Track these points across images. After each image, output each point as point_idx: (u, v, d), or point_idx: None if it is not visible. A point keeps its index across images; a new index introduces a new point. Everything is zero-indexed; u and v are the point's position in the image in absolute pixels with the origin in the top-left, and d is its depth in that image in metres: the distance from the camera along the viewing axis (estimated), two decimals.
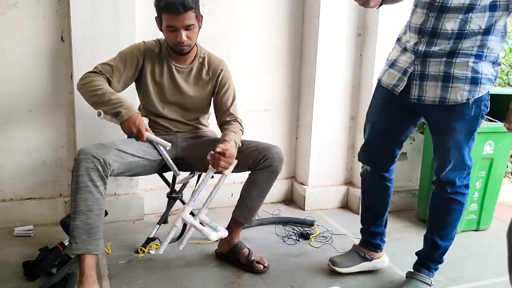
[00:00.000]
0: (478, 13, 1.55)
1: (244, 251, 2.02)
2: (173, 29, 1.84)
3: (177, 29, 1.84)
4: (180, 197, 2.26)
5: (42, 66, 2.27)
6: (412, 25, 1.68)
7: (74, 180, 1.64)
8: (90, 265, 1.66)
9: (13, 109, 2.26)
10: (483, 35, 1.59)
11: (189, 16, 1.83)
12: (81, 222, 1.64)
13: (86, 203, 1.64)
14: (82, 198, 1.63)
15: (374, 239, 2.02)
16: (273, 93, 2.80)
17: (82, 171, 1.62)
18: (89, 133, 2.33)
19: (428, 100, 1.68)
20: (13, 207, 2.33)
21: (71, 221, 1.66)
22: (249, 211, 1.99)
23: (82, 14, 2.20)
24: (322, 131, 2.76)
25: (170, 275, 1.92)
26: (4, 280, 1.81)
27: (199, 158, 1.92)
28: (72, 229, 1.65)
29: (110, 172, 1.70)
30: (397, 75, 1.75)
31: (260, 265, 1.99)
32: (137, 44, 1.99)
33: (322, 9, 2.58)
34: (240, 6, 2.58)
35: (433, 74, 1.65)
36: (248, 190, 1.97)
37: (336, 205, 2.89)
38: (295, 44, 2.78)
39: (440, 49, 1.62)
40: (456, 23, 1.57)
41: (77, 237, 1.64)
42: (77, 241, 1.64)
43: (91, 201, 1.65)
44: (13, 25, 2.18)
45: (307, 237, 2.36)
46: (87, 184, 1.63)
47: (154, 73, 1.99)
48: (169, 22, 1.83)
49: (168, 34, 1.88)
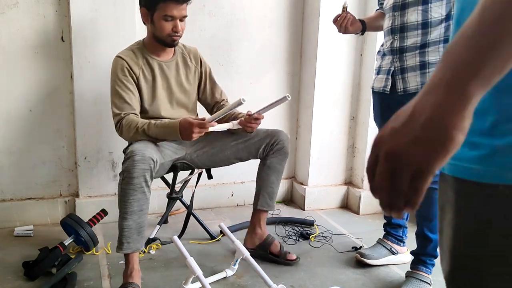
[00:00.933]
0: (436, 2, 1.74)
1: (276, 242, 2.07)
2: (171, 18, 1.86)
3: (175, 19, 1.86)
4: (180, 197, 2.26)
5: (42, 66, 2.27)
6: (385, 30, 1.90)
7: (127, 181, 1.66)
8: (137, 260, 1.77)
9: (13, 109, 2.26)
10: (446, 21, 1.76)
11: (185, 7, 1.89)
12: (134, 222, 1.70)
13: (139, 203, 1.69)
14: (136, 199, 1.68)
15: (396, 231, 2.11)
16: (273, 93, 2.80)
17: (138, 172, 1.66)
18: (89, 133, 2.34)
19: (412, 89, 1.83)
20: (13, 207, 2.33)
21: (122, 221, 1.70)
22: (271, 197, 2.06)
23: (82, 14, 2.20)
24: (322, 131, 2.76)
25: (170, 275, 1.92)
26: (4, 280, 1.81)
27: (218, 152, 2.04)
28: (124, 229, 1.70)
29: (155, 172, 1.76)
30: (383, 77, 1.93)
31: (292, 255, 2.05)
32: (118, 63, 1.91)
33: (322, 9, 2.58)
34: (240, 6, 2.58)
35: (411, 66, 1.82)
36: (265, 177, 2.04)
37: (336, 205, 2.89)
38: (295, 44, 2.78)
39: (412, 43, 1.79)
40: (419, 14, 1.76)
41: (129, 237, 1.71)
42: (129, 241, 1.71)
43: (143, 201, 1.71)
44: (13, 25, 2.18)
45: (307, 237, 2.36)
46: (142, 185, 1.68)
47: (146, 79, 1.96)
48: (169, 11, 1.84)
49: (163, 24, 1.87)
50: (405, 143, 0.49)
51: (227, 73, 2.60)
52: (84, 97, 2.29)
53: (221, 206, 2.71)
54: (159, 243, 2.18)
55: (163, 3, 1.84)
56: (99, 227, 2.28)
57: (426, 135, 0.48)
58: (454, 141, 0.47)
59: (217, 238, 2.28)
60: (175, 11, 1.85)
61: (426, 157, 0.48)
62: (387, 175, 0.51)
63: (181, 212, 2.58)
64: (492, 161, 0.59)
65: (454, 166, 0.64)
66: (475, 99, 0.47)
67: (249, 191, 2.43)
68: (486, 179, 0.60)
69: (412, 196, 0.50)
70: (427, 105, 0.48)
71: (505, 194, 0.58)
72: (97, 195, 2.42)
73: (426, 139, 0.48)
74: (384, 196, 0.52)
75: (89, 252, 2.06)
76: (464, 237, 0.65)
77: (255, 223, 2.09)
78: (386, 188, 0.51)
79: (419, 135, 0.48)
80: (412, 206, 0.51)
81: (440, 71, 0.49)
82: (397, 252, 2.11)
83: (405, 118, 0.50)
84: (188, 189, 2.28)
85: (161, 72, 1.99)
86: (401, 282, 1.93)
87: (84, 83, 2.28)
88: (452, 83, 0.47)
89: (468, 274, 0.65)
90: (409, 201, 0.51)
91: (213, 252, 2.15)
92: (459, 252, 0.66)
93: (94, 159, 2.38)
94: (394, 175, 0.50)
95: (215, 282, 1.84)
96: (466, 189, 0.63)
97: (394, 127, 0.51)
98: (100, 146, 2.37)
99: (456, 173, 0.64)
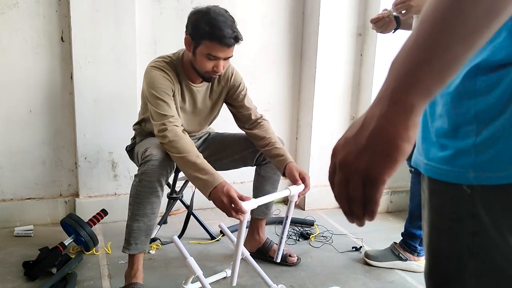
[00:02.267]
0: None
1: (275, 247, 2.06)
2: (214, 58, 1.70)
3: (218, 59, 1.71)
4: (180, 197, 2.27)
5: (42, 66, 2.27)
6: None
7: (144, 184, 1.65)
8: (141, 261, 1.77)
9: (13, 109, 2.26)
10: None
11: (233, 49, 1.72)
12: (144, 224, 1.70)
13: (152, 206, 1.69)
14: (150, 202, 1.67)
15: (412, 240, 2.05)
16: (273, 93, 2.80)
17: (155, 176, 1.65)
18: (89, 133, 2.34)
19: None
20: (13, 207, 2.33)
21: (133, 222, 1.70)
22: (266, 205, 2.03)
23: (82, 14, 2.20)
24: (322, 131, 2.76)
25: (170, 275, 1.92)
26: (4, 280, 1.81)
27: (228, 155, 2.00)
28: (133, 230, 1.70)
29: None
30: None
31: (293, 258, 2.05)
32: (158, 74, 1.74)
33: (322, 9, 2.58)
34: (240, 6, 2.58)
35: None
36: (260, 187, 2.01)
37: (336, 205, 2.85)
38: (295, 44, 2.78)
39: None
40: None
41: (138, 238, 1.71)
42: (137, 242, 1.71)
43: (156, 205, 1.70)
44: (13, 25, 2.18)
45: (307, 237, 2.36)
46: (157, 189, 1.67)
47: (176, 98, 1.81)
48: (213, 51, 1.67)
49: (204, 61, 1.71)
50: (354, 152, 0.51)
51: None
52: (84, 97, 2.29)
53: None
54: (159, 243, 2.18)
55: (209, 42, 1.66)
56: (99, 227, 2.28)
57: (372, 145, 0.50)
58: (398, 150, 0.48)
59: (217, 238, 2.28)
60: (220, 53, 1.68)
61: (373, 165, 0.50)
62: (343, 184, 0.53)
63: (181, 212, 2.58)
64: (456, 161, 0.61)
65: (428, 166, 0.66)
66: (418, 109, 0.48)
67: (249, 191, 2.42)
68: (451, 179, 0.62)
69: (367, 204, 0.52)
70: (375, 116, 0.50)
71: (468, 193, 0.61)
72: (97, 195, 2.42)
73: (372, 148, 0.50)
74: (343, 204, 0.54)
75: (89, 252, 2.06)
76: (438, 234, 0.67)
77: (253, 230, 2.09)
78: (343, 195, 0.53)
79: (365, 144, 0.50)
80: (369, 214, 0.53)
81: (386, 82, 0.51)
82: (407, 258, 2.05)
83: (357, 128, 0.52)
84: (188, 189, 2.28)
85: (190, 96, 1.87)
86: (401, 283, 1.94)
87: (84, 83, 2.28)
88: (394, 95, 0.49)
89: (445, 270, 0.67)
90: (365, 208, 0.52)
91: (213, 252, 2.15)
92: (435, 247, 0.68)
93: (94, 159, 2.38)
94: (348, 183, 0.52)
95: (215, 282, 1.84)
96: (437, 188, 0.65)
97: (347, 137, 0.53)
98: (100, 146, 2.37)
99: (429, 173, 0.66)
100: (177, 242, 1.72)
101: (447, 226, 0.65)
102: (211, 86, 1.92)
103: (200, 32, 1.67)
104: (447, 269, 0.66)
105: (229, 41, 1.66)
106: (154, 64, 1.78)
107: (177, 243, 1.72)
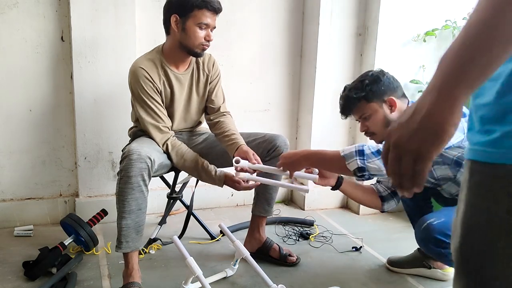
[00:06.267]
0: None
1: (275, 246, 2.07)
2: (205, 26, 1.83)
3: (208, 27, 1.84)
4: (180, 197, 2.26)
5: (42, 66, 2.27)
6: None
7: (125, 180, 1.67)
8: (136, 259, 1.77)
9: (13, 109, 2.26)
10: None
11: (216, 18, 1.87)
12: (132, 221, 1.71)
13: (137, 202, 1.70)
14: (134, 197, 1.68)
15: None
16: (273, 93, 2.80)
17: (136, 171, 1.66)
18: (89, 133, 2.34)
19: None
20: (13, 207, 2.33)
21: (121, 220, 1.71)
22: (268, 203, 2.05)
23: (82, 14, 2.20)
24: (322, 131, 2.76)
25: (170, 275, 1.92)
26: (4, 280, 1.81)
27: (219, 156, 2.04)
28: (122, 228, 1.71)
29: (154, 171, 1.75)
30: None
31: (292, 257, 2.05)
32: (141, 74, 1.84)
33: (322, 9, 2.58)
34: (240, 6, 2.58)
35: None
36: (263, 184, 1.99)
37: (336, 205, 2.89)
38: (295, 44, 2.78)
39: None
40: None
41: (128, 236, 1.71)
42: (128, 240, 1.72)
43: (141, 200, 1.71)
44: (13, 25, 2.18)
45: (307, 237, 2.36)
46: (139, 184, 1.68)
47: (166, 92, 1.93)
48: (204, 19, 1.81)
49: (196, 32, 1.82)
50: (407, 134, 0.62)
51: (227, 73, 2.59)
52: (84, 97, 2.29)
53: (221, 206, 2.71)
54: (159, 243, 2.18)
55: (200, 10, 1.80)
56: (99, 227, 2.28)
57: (423, 127, 0.61)
58: (445, 132, 0.60)
59: (217, 238, 2.28)
60: (209, 20, 1.82)
61: (423, 145, 0.61)
62: (395, 161, 0.64)
63: (181, 212, 2.58)
64: (502, 143, 0.67)
65: (471, 150, 0.73)
66: (463, 99, 0.60)
67: (249, 191, 2.43)
68: (497, 159, 0.68)
69: (416, 177, 0.63)
70: (425, 104, 0.61)
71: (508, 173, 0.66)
72: (97, 195, 2.42)
73: (423, 131, 0.61)
74: (395, 178, 0.66)
75: (89, 252, 2.06)
76: (475, 211, 0.72)
77: (253, 228, 2.09)
78: (396, 171, 0.65)
79: (417, 128, 0.61)
80: (418, 186, 0.64)
81: (435, 76, 0.62)
82: (432, 266, 1.94)
83: (409, 115, 0.63)
84: (188, 189, 2.28)
85: (178, 85, 1.94)
86: (401, 283, 1.93)
87: (84, 83, 2.28)
88: (442, 87, 0.60)
89: (476, 245, 0.71)
90: (414, 181, 0.64)
91: (213, 252, 2.15)
92: (470, 224, 0.72)
93: (94, 159, 2.38)
94: (400, 161, 0.63)
95: (215, 282, 1.84)
96: (479, 168, 0.71)
97: (400, 122, 0.64)
98: (100, 146, 2.37)
99: (472, 157, 0.73)
100: (177, 242, 1.72)
101: (484, 204, 0.69)
102: (197, 74, 2.00)
103: (188, 6, 1.80)
104: (480, 246, 0.70)
105: (217, 6, 1.82)
106: (138, 64, 1.86)
107: (177, 243, 1.72)
